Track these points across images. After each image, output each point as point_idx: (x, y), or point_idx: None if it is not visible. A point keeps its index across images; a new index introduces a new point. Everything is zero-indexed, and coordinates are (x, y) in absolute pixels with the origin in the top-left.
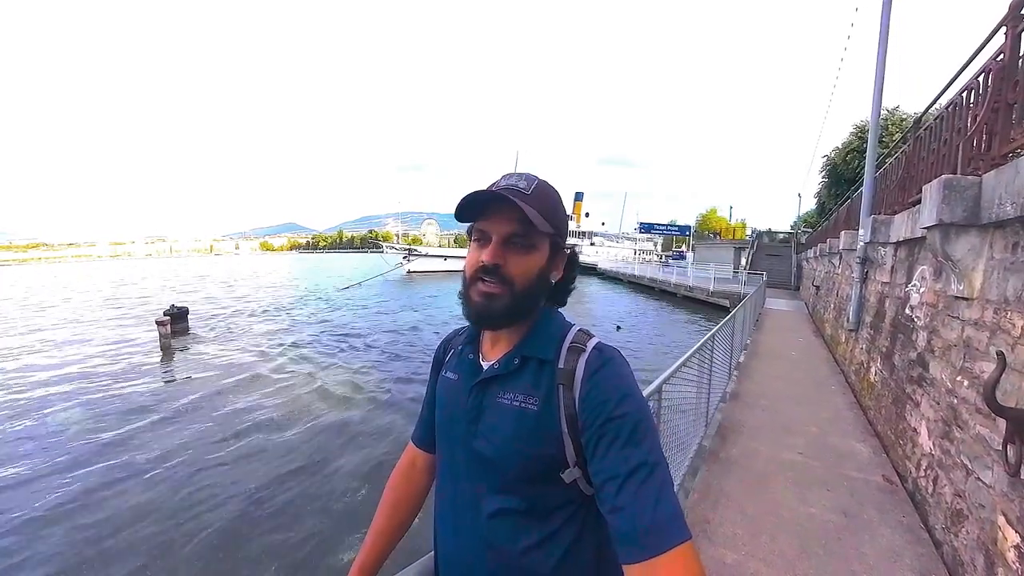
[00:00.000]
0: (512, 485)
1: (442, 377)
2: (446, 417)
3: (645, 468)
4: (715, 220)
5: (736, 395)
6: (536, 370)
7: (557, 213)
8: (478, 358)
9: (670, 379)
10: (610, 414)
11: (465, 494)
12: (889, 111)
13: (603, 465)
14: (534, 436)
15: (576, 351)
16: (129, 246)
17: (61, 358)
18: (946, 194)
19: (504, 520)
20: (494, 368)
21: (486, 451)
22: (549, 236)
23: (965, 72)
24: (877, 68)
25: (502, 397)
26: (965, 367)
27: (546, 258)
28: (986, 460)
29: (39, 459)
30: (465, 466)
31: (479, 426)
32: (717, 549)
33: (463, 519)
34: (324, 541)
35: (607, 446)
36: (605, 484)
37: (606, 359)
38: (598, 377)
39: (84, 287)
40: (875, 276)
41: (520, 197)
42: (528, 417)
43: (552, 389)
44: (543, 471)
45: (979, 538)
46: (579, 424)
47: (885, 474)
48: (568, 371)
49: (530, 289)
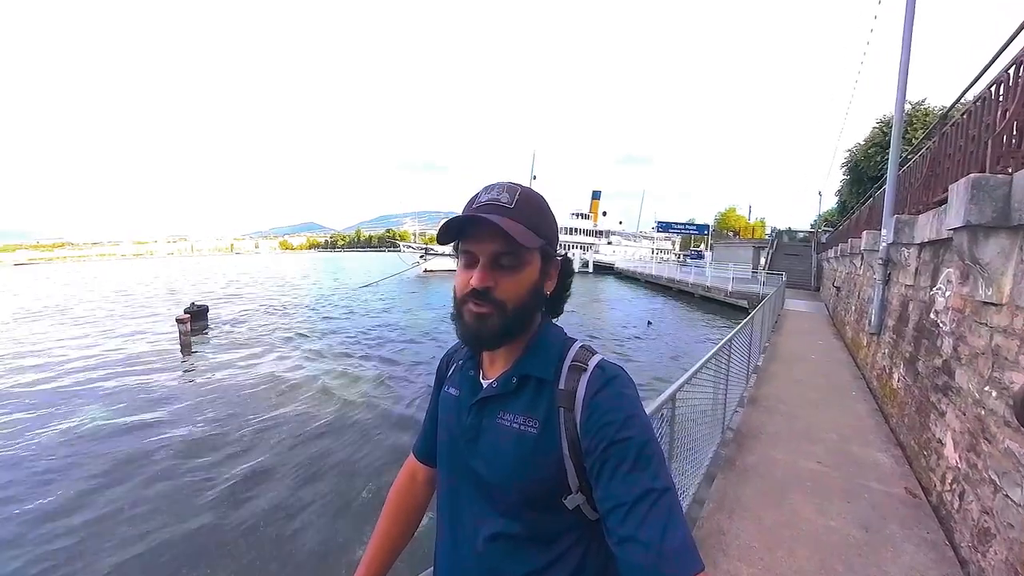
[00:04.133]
0: (512, 509)
1: (444, 393)
2: (446, 435)
3: (653, 494)
4: (734, 219)
5: (754, 400)
6: (535, 390)
7: (544, 221)
8: (478, 375)
9: (684, 386)
10: (613, 437)
11: (464, 514)
12: (914, 105)
13: (608, 492)
14: (534, 460)
15: (577, 370)
16: (152, 245)
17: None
18: (974, 194)
19: (504, 544)
20: (493, 387)
21: (485, 473)
22: (539, 248)
23: (994, 65)
24: (901, 60)
25: (501, 418)
26: (994, 377)
27: (538, 272)
28: (1015, 477)
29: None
30: (464, 486)
31: (478, 446)
32: (732, 563)
33: (462, 540)
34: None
35: (611, 472)
36: (610, 513)
37: (608, 378)
38: (600, 398)
39: (134, 282)
40: (898, 278)
41: (502, 213)
42: (527, 440)
43: (552, 411)
44: (544, 496)
45: (1007, 559)
46: (581, 448)
47: (908, 486)
48: (568, 392)
49: (523, 308)
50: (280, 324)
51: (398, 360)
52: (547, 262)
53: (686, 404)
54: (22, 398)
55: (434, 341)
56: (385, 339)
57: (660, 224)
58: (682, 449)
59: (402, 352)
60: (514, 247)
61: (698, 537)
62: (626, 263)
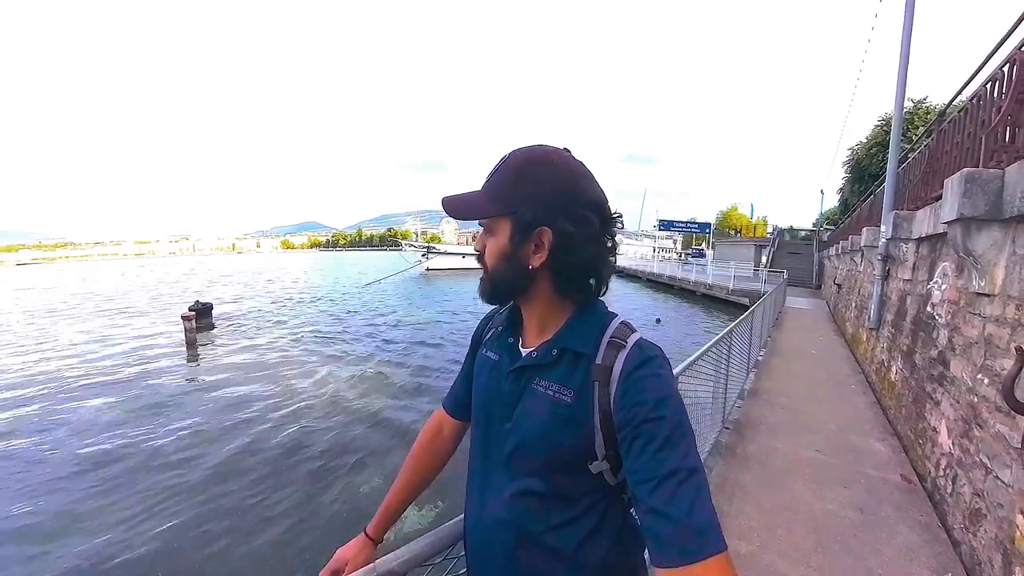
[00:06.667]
0: (539, 470)
1: (481, 355)
2: (483, 396)
3: (682, 472)
4: (736, 217)
5: (755, 392)
6: (572, 362)
7: (520, 188)
8: (518, 342)
9: (683, 374)
10: (647, 416)
11: (493, 471)
12: (915, 103)
13: (638, 466)
14: (566, 428)
15: (616, 346)
16: (154, 245)
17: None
18: (967, 187)
19: (529, 501)
20: (532, 356)
21: (517, 435)
22: (507, 216)
23: (990, 62)
24: (901, 59)
25: (538, 384)
26: (986, 364)
27: (507, 240)
28: (1005, 459)
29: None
30: (496, 446)
31: (514, 410)
32: (731, 540)
33: (489, 494)
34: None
35: (642, 447)
36: (640, 485)
37: (646, 358)
38: (636, 376)
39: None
40: (897, 273)
41: (482, 187)
42: (561, 408)
43: (587, 384)
44: (571, 461)
45: (997, 537)
46: (613, 422)
47: (904, 473)
48: (605, 368)
49: (500, 272)
50: (281, 321)
51: (404, 362)
52: (523, 231)
53: (685, 395)
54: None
55: (436, 341)
56: (388, 337)
57: (662, 223)
58: None
59: (405, 350)
60: (477, 215)
61: None
62: (627, 261)
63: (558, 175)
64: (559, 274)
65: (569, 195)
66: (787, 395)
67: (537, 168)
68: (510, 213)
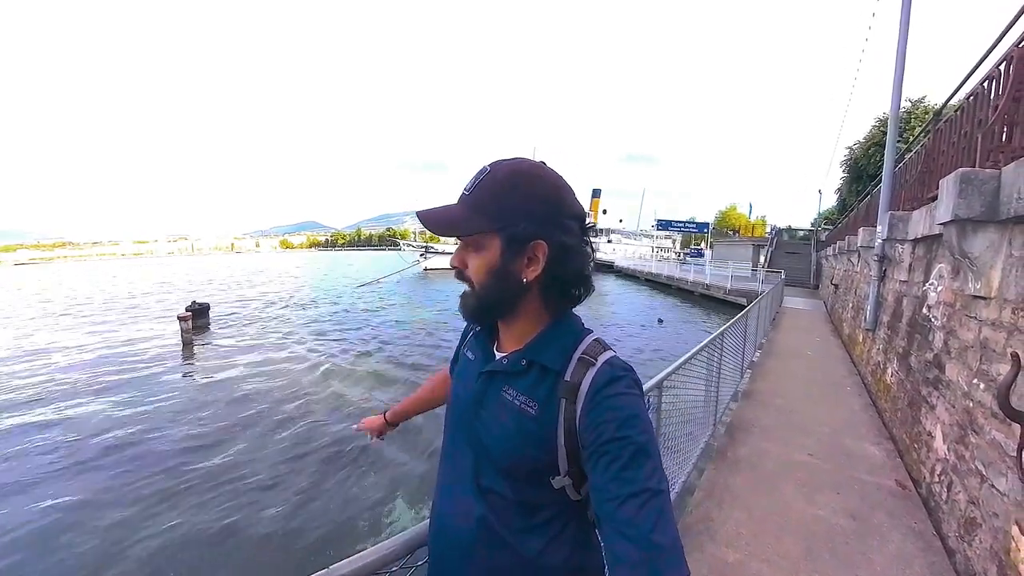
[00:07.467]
0: (504, 474)
1: (462, 352)
2: (458, 392)
3: (646, 493)
4: (734, 217)
5: (749, 394)
6: (540, 375)
7: (509, 201)
8: (491, 346)
9: (673, 375)
10: (612, 435)
11: (463, 464)
12: (913, 103)
13: (601, 484)
14: (528, 439)
15: (585, 363)
16: (152, 244)
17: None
18: (963, 188)
19: (493, 499)
20: (502, 363)
21: (483, 436)
22: (495, 232)
23: (987, 61)
24: (897, 58)
25: (506, 392)
26: (982, 369)
27: (498, 255)
28: (1000, 467)
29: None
30: (466, 442)
31: (480, 411)
32: (719, 548)
33: (459, 488)
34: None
35: (606, 466)
36: (603, 504)
37: (614, 377)
38: (603, 395)
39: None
40: (893, 274)
41: (461, 200)
42: (526, 420)
43: (552, 399)
44: (533, 472)
45: (992, 548)
46: (577, 439)
47: (898, 478)
48: (573, 385)
49: (488, 288)
50: (281, 321)
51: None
52: (515, 245)
53: (676, 396)
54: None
55: (434, 341)
56: (383, 337)
57: (660, 222)
58: (670, 439)
59: (405, 350)
60: (465, 232)
61: (686, 524)
62: (626, 261)
63: (547, 188)
64: (549, 286)
65: (557, 207)
66: (782, 396)
67: (527, 181)
68: (503, 228)
